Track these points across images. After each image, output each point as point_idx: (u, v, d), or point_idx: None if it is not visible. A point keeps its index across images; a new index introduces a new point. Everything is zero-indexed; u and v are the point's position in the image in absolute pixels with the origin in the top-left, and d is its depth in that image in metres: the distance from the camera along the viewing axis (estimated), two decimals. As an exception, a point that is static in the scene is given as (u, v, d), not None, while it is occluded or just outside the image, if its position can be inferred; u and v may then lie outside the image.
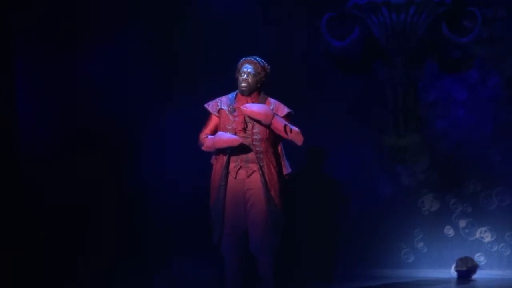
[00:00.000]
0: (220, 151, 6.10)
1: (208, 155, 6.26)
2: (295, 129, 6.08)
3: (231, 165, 6.07)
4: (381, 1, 8.06)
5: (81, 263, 7.90)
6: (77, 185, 8.04)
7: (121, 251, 7.98)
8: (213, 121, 6.19)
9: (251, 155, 6.05)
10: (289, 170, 6.20)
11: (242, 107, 6.02)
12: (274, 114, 6.01)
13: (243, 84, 6.09)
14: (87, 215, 8.03)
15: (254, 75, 6.08)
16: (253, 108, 6.00)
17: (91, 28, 8.09)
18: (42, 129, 8.11)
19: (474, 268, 7.93)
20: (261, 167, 6.02)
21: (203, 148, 6.19)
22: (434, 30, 8.14)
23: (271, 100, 6.18)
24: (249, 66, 6.09)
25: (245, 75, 6.08)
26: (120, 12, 8.15)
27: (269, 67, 6.15)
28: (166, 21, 8.20)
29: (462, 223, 8.15)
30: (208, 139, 6.14)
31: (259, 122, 6.02)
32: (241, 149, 6.05)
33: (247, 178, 6.04)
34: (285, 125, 6.03)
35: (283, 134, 6.03)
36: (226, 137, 6.04)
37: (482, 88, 8.17)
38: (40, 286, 7.65)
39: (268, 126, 6.03)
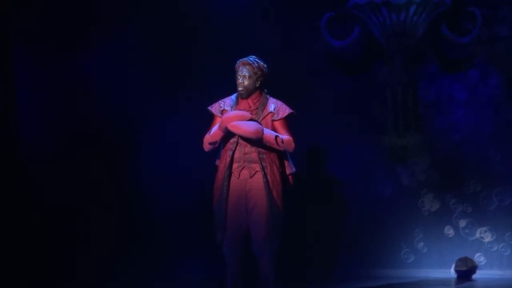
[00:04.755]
0: (224, 150, 6.09)
1: (210, 154, 6.26)
2: (286, 137, 6.05)
3: (234, 165, 6.07)
4: (381, 1, 8.05)
5: (82, 263, 7.90)
6: (78, 185, 8.05)
7: (121, 251, 7.99)
8: (217, 123, 6.16)
9: (254, 155, 6.04)
10: (293, 169, 6.18)
11: (229, 125, 5.95)
12: (263, 130, 5.97)
13: (240, 88, 6.09)
14: (87, 215, 8.04)
15: (250, 76, 6.06)
16: (242, 127, 5.94)
17: (91, 28, 8.10)
18: (42, 129, 8.11)
19: (473, 268, 7.93)
20: (263, 168, 6.02)
21: (209, 140, 6.08)
22: (434, 30, 8.13)
23: (273, 100, 6.17)
24: (244, 68, 6.07)
25: (241, 79, 6.07)
26: (120, 12, 8.16)
27: (265, 65, 6.12)
28: (167, 21, 8.20)
29: (462, 223, 8.15)
30: (212, 129, 6.08)
31: (249, 140, 6.00)
32: (244, 149, 6.04)
33: (250, 178, 6.04)
34: (276, 137, 6.00)
35: (275, 146, 6.00)
36: (233, 113, 5.99)
37: (482, 88, 8.17)
38: (40, 285, 7.65)
39: (259, 142, 6.01)
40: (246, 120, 5.95)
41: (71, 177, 8.07)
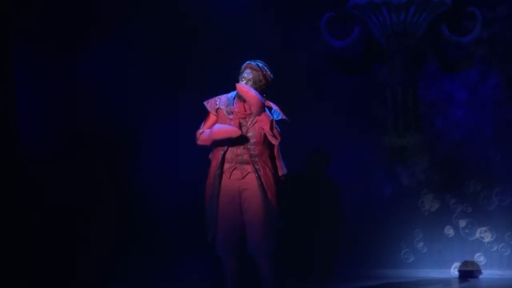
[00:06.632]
0: (217, 147, 6.09)
1: (208, 154, 6.26)
2: (278, 128, 6.04)
3: (226, 165, 6.06)
4: (381, 1, 8.05)
5: (82, 263, 7.90)
6: (78, 185, 8.05)
7: (121, 251, 7.98)
8: (211, 119, 6.17)
9: (246, 157, 6.04)
10: (285, 171, 6.16)
11: (237, 84, 5.98)
12: (265, 107, 5.98)
13: None
14: (87, 215, 8.04)
15: (254, 82, 6.05)
16: (250, 92, 5.94)
17: (91, 28, 8.10)
18: (42, 129, 8.11)
19: (477, 273, 7.94)
20: (256, 170, 6.01)
21: (199, 142, 6.16)
22: (434, 30, 8.13)
23: (270, 103, 6.16)
24: (250, 72, 6.06)
25: (244, 81, 6.06)
26: (120, 12, 8.15)
27: (271, 75, 6.12)
28: (167, 21, 8.20)
29: (462, 223, 8.15)
30: (205, 132, 6.12)
31: (256, 128, 6.01)
32: (236, 151, 6.04)
33: (242, 179, 6.03)
34: (272, 120, 5.99)
35: (267, 127, 5.99)
36: (224, 128, 6.02)
37: (482, 88, 8.17)
38: (40, 285, 7.65)
39: (256, 114, 5.99)
40: (236, 135, 5.96)
41: (71, 177, 8.07)
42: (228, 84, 6.32)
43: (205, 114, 6.22)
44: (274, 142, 6.06)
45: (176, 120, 8.09)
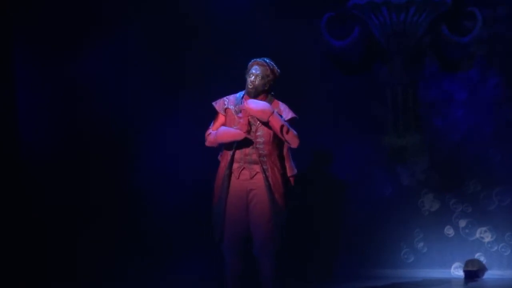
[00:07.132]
0: (226, 148, 6.10)
1: (210, 154, 6.26)
2: (293, 131, 6.06)
3: (235, 165, 6.07)
4: (381, 1, 8.05)
5: (82, 263, 7.90)
6: (78, 185, 8.05)
7: (121, 251, 7.98)
8: (220, 120, 6.20)
9: (254, 157, 6.05)
10: (295, 171, 6.18)
11: (244, 103, 6.02)
12: (273, 112, 6.00)
13: (250, 86, 6.09)
14: (87, 215, 8.03)
15: (262, 77, 6.08)
16: (251, 105, 5.99)
17: (91, 28, 8.10)
18: (42, 129, 8.11)
19: (483, 271, 7.95)
20: (264, 170, 6.01)
21: (207, 143, 6.20)
22: (434, 30, 8.14)
23: (278, 102, 6.17)
24: (258, 68, 6.08)
25: (253, 77, 6.08)
26: (120, 12, 8.15)
27: (278, 70, 6.14)
28: (167, 21, 8.20)
29: (462, 223, 8.15)
30: (211, 134, 6.14)
31: (262, 122, 6.01)
32: (244, 150, 6.05)
33: (250, 179, 6.04)
34: (282, 125, 6.01)
35: (278, 133, 6.02)
36: (229, 131, 6.04)
37: (482, 88, 8.17)
38: (40, 285, 7.65)
39: (266, 123, 6.02)
40: (240, 138, 5.98)
41: (71, 177, 8.07)
42: (228, 84, 6.32)
43: (209, 114, 6.23)
44: (291, 146, 6.09)
45: (176, 120, 8.09)
